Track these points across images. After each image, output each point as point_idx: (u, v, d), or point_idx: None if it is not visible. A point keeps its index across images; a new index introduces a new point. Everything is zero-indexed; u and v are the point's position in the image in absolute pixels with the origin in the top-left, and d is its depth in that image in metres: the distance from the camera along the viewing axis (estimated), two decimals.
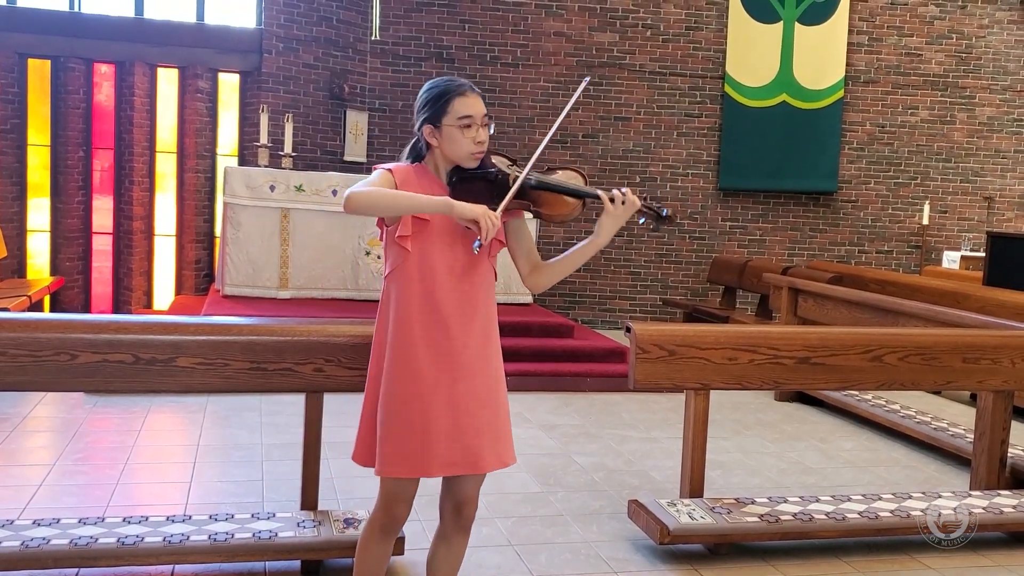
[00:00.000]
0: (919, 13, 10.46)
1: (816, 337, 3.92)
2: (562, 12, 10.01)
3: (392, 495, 2.46)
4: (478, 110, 2.40)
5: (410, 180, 2.42)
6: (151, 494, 4.25)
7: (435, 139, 2.42)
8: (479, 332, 2.46)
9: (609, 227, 2.49)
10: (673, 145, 10.25)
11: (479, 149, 2.42)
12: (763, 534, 3.63)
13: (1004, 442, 4.26)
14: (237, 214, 7.59)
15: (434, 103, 2.41)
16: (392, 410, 2.40)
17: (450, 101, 2.39)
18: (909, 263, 10.64)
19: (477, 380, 2.44)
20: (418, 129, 2.46)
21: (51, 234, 8.87)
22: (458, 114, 2.39)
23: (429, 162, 2.49)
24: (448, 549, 2.58)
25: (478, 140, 2.41)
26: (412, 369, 2.39)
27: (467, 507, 2.53)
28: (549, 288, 2.67)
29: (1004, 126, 10.68)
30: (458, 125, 2.39)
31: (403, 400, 2.39)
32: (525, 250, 2.59)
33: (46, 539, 3.10)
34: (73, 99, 8.75)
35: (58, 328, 3.10)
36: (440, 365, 2.40)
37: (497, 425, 2.48)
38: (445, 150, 2.43)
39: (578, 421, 5.83)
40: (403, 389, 2.39)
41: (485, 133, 2.42)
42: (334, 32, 9.45)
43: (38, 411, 5.46)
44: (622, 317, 10.15)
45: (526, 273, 2.60)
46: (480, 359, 2.46)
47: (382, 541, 2.55)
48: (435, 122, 2.40)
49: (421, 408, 2.38)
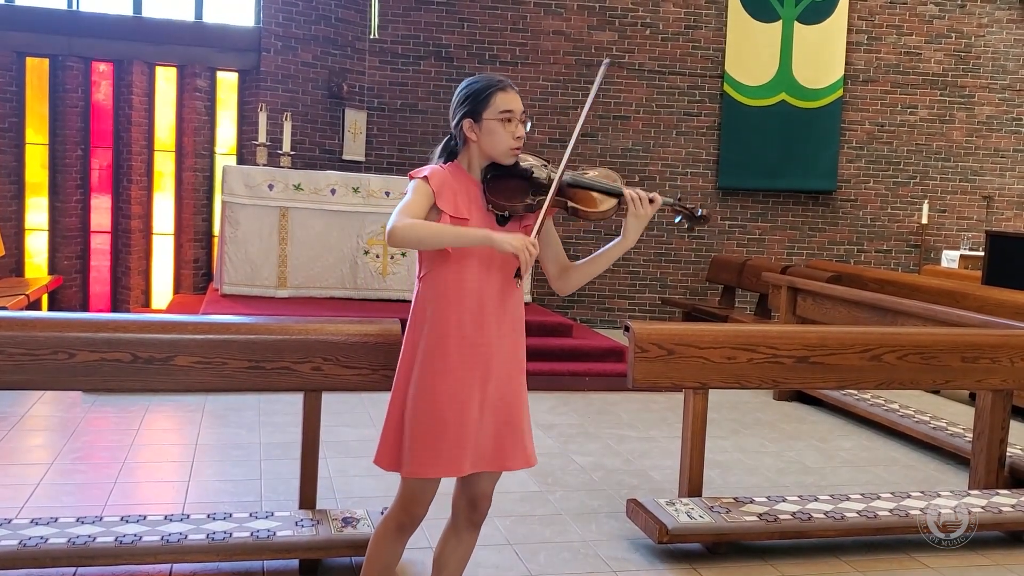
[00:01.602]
0: (918, 12, 10.46)
1: (815, 336, 3.92)
2: (561, 11, 10.01)
3: (414, 495, 2.46)
4: (518, 106, 2.43)
5: (446, 183, 2.41)
6: (149, 493, 4.24)
7: (474, 133, 2.42)
8: (512, 332, 2.48)
9: (635, 227, 2.50)
10: (672, 144, 10.25)
11: (518, 144, 2.43)
12: (762, 533, 3.63)
13: (1003, 441, 4.26)
14: (235, 213, 7.58)
15: (475, 98, 2.41)
16: (424, 408, 2.39)
17: (493, 95, 2.40)
18: (908, 262, 10.64)
19: (507, 379, 2.46)
20: (456, 124, 2.45)
21: (49, 233, 8.86)
22: (499, 108, 2.40)
23: (463, 159, 2.48)
24: (458, 544, 2.59)
25: (517, 135, 2.42)
26: (447, 366, 2.39)
27: (482, 503, 2.55)
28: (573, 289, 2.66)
29: (1003, 125, 10.68)
30: (499, 119, 2.40)
31: (437, 398, 2.39)
32: (553, 252, 2.60)
33: (44, 538, 3.09)
34: (71, 98, 8.74)
35: (56, 327, 3.09)
36: (474, 363, 2.41)
37: (524, 426, 2.51)
38: (484, 145, 2.43)
39: (577, 420, 5.83)
40: (437, 386, 2.39)
41: (523, 129, 2.44)
42: (333, 31, 9.44)
43: (36, 410, 5.45)
44: (621, 316, 10.15)
45: (555, 275, 2.60)
46: (513, 359, 2.48)
47: (397, 540, 2.55)
48: (475, 116, 2.41)
49: (455, 406, 2.38)
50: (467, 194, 2.43)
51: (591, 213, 2.50)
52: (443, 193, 2.39)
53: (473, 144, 2.44)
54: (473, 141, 2.44)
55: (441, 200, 2.38)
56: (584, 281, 2.61)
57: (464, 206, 2.41)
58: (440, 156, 2.52)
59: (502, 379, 2.45)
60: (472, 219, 2.40)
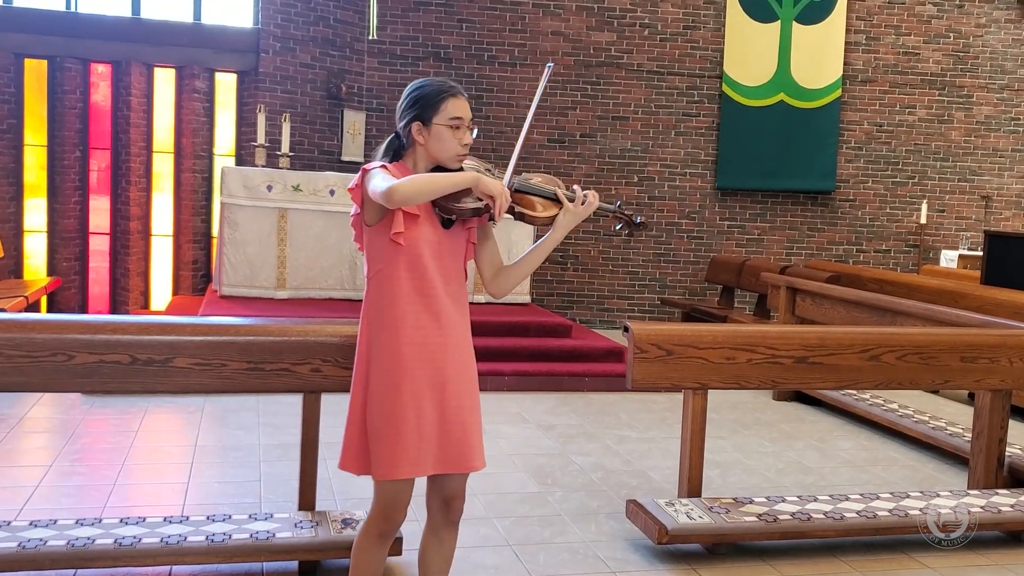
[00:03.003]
0: (916, 12, 10.47)
1: (814, 336, 3.92)
2: (559, 11, 10.01)
3: (391, 500, 2.46)
4: (467, 113, 2.46)
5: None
6: (148, 495, 4.24)
7: (422, 137, 2.44)
8: (464, 331, 2.51)
9: (565, 223, 2.52)
10: (671, 145, 10.25)
11: (464, 151, 2.46)
12: (761, 534, 3.63)
13: (1002, 441, 4.26)
14: (234, 214, 7.58)
15: (426, 101, 2.43)
16: (385, 410, 2.40)
17: (443, 101, 2.43)
18: (907, 262, 10.65)
19: (464, 380, 2.48)
20: (404, 126, 2.47)
21: (48, 234, 8.86)
22: (450, 114, 2.42)
23: (409, 160, 2.50)
24: (439, 545, 2.58)
25: (464, 142, 2.45)
26: (403, 367, 2.40)
27: (455, 502, 2.54)
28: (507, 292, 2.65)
29: (1001, 125, 10.69)
30: (448, 125, 2.42)
31: (395, 398, 2.40)
32: (489, 255, 2.60)
33: (43, 540, 3.09)
34: (70, 99, 8.74)
35: (55, 329, 3.09)
36: (432, 363, 2.42)
37: (478, 425, 2.52)
38: (431, 149, 2.45)
39: (576, 421, 5.82)
40: (395, 387, 2.40)
41: (470, 136, 2.47)
42: (331, 32, 9.44)
43: (35, 412, 5.45)
44: (620, 317, 10.15)
45: (489, 278, 2.60)
46: (468, 358, 2.51)
47: (380, 546, 2.54)
48: (424, 120, 2.43)
49: (413, 405, 2.39)
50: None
51: (536, 219, 2.54)
52: None
53: (420, 147, 2.46)
54: (420, 144, 2.46)
55: None
56: (518, 282, 2.62)
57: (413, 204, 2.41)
58: (385, 155, 2.52)
59: (459, 378, 2.46)
60: (421, 217, 2.41)
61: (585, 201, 2.51)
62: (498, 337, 6.96)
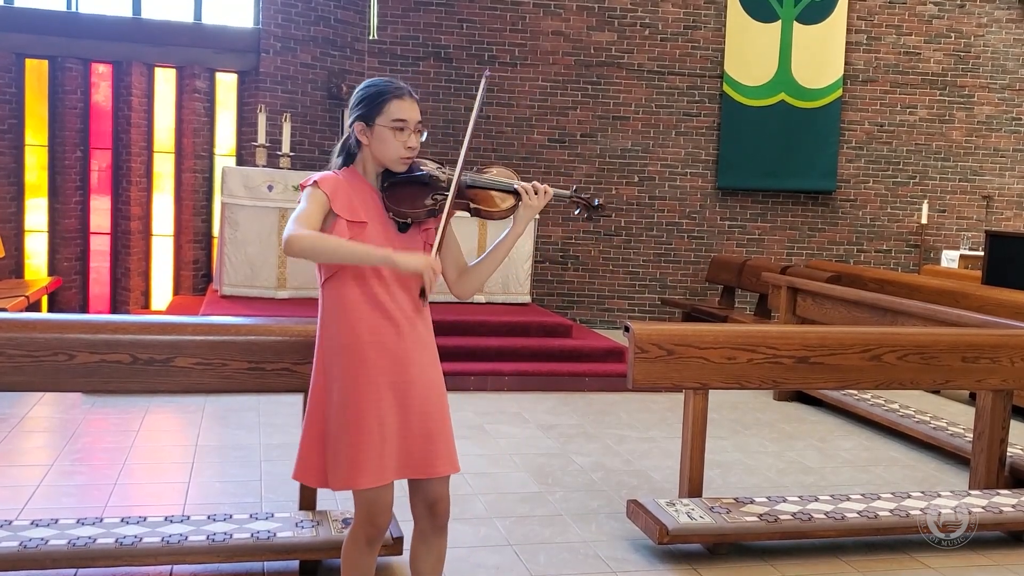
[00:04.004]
0: (917, 12, 10.46)
1: (815, 336, 3.91)
2: (560, 11, 10.00)
3: (371, 506, 2.43)
4: (413, 116, 2.40)
5: (340, 187, 2.38)
6: (149, 494, 4.24)
7: (366, 137, 2.41)
8: (425, 335, 2.47)
9: (525, 216, 2.49)
10: (671, 144, 10.25)
11: (409, 154, 2.41)
12: (762, 534, 3.63)
13: (1003, 441, 4.26)
14: (235, 214, 7.58)
15: (370, 102, 2.39)
16: (346, 419, 2.36)
17: (386, 102, 2.38)
18: (908, 262, 10.64)
19: (428, 385, 2.44)
20: (350, 125, 2.44)
21: (49, 234, 8.86)
22: (392, 116, 2.38)
23: (359, 163, 2.46)
24: (428, 550, 2.55)
25: (408, 145, 2.40)
26: (365, 375, 2.37)
27: (439, 505, 2.50)
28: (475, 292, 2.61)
29: (1003, 125, 10.68)
30: (391, 127, 2.38)
31: (358, 407, 2.36)
32: (452, 256, 2.56)
33: (44, 540, 3.09)
34: (70, 99, 8.74)
35: (56, 328, 3.09)
36: (393, 368, 2.39)
37: (447, 430, 2.48)
38: (375, 150, 2.41)
39: (576, 421, 5.82)
40: (357, 396, 2.36)
41: (416, 140, 2.42)
42: (332, 32, 9.45)
43: (36, 411, 5.45)
44: (621, 317, 10.14)
45: (453, 280, 2.56)
46: (430, 364, 2.47)
47: (368, 552, 2.51)
48: (368, 120, 2.39)
49: (377, 413, 2.36)
50: (363, 198, 2.40)
51: (493, 212, 2.49)
52: (337, 197, 2.36)
53: (366, 148, 2.43)
54: (365, 145, 2.42)
55: (336, 204, 2.35)
56: (483, 281, 2.57)
57: (361, 209, 2.38)
58: (339, 155, 2.49)
59: (422, 383, 2.42)
60: (370, 222, 2.38)
61: (538, 192, 2.47)
62: (498, 337, 6.96)
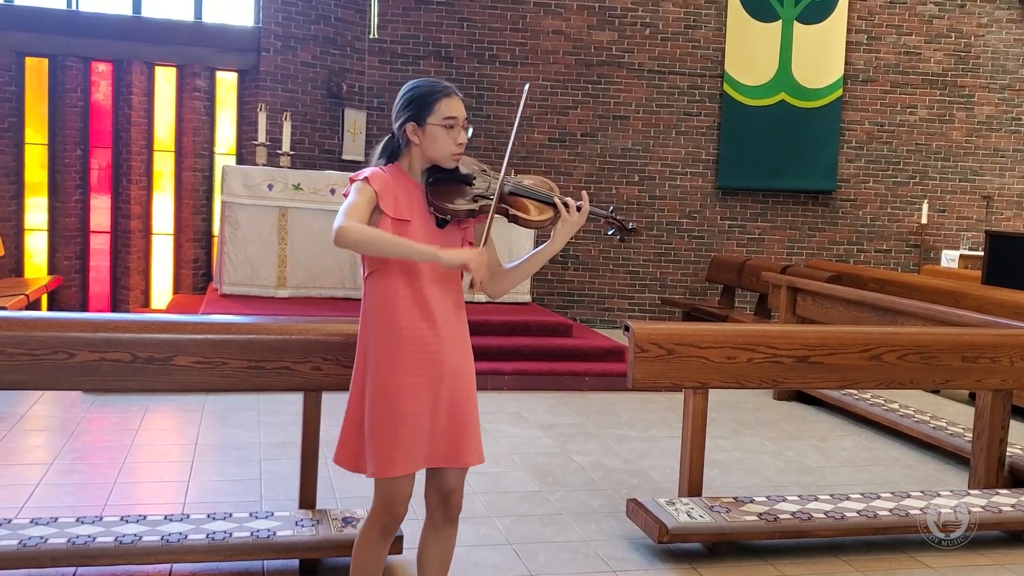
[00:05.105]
0: (918, 12, 10.46)
1: (815, 336, 3.91)
2: (560, 11, 10.00)
3: (391, 495, 2.48)
4: (461, 113, 2.48)
5: (388, 185, 2.45)
6: (149, 493, 4.24)
7: (417, 137, 2.47)
8: (461, 330, 2.53)
9: (564, 233, 2.55)
10: (672, 144, 10.25)
11: (459, 150, 2.49)
12: (762, 533, 3.63)
13: (1003, 441, 4.26)
14: (235, 213, 7.58)
15: (420, 102, 2.46)
16: (383, 409, 2.43)
17: (437, 101, 2.46)
18: (908, 262, 10.64)
19: (460, 377, 2.50)
20: (399, 127, 2.50)
21: (49, 233, 8.86)
22: (443, 114, 2.45)
23: (404, 161, 2.53)
24: (438, 541, 2.60)
25: (459, 141, 2.47)
26: (400, 366, 2.43)
27: (453, 496, 2.56)
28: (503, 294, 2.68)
29: (1003, 125, 10.68)
30: (442, 125, 2.45)
31: (392, 397, 2.42)
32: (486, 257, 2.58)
33: (44, 538, 3.09)
34: (71, 98, 8.74)
35: (56, 327, 3.09)
36: (428, 363, 2.44)
37: (476, 421, 2.54)
38: (426, 149, 2.48)
39: (576, 420, 5.82)
40: (392, 386, 2.43)
41: (465, 136, 2.49)
42: (332, 31, 9.44)
43: (36, 410, 5.45)
44: (621, 316, 10.14)
45: (486, 280, 2.59)
46: (464, 357, 2.53)
47: (381, 542, 2.57)
48: (419, 120, 2.45)
49: (410, 404, 2.42)
50: (408, 196, 2.47)
51: (531, 222, 2.55)
52: (384, 195, 2.43)
53: (415, 147, 2.49)
54: (415, 144, 2.48)
55: (383, 201, 2.42)
56: (514, 285, 2.66)
57: (405, 208, 2.45)
58: (381, 156, 2.56)
59: (455, 375, 2.48)
60: (413, 220, 2.45)
61: (581, 208, 2.52)
62: (499, 336, 6.96)
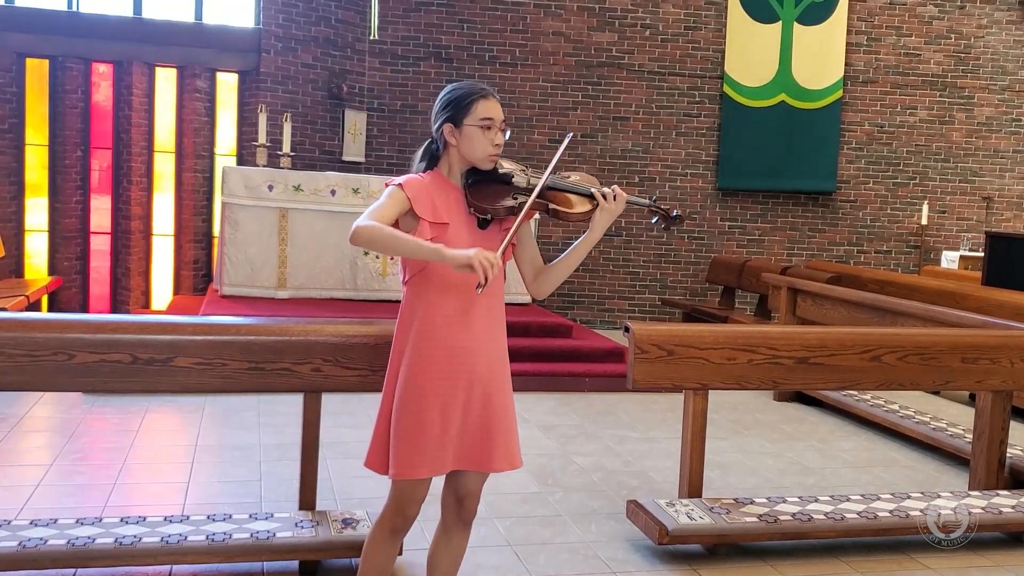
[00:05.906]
0: (918, 13, 10.46)
1: (815, 337, 3.91)
2: (561, 12, 10.01)
3: (405, 496, 2.49)
4: (498, 114, 2.50)
5: (421, 193, 2.45)
6: (149, 494, 4.24)
7: (454, 138, 2.48)
8: (498, 335, 2.55)
9: (603, 222, 2.55)
10: (672, 145, 10.25)
11: (496, 151, 2.50)
12: (762, 534, 3.63)
13: (1003, 442, 4.26)
14: (235, 214, 7.58)
15: (457, 104, 2.47)
16: (410, 410, 2.43)
17: (474, 103, 2.47)
18: (908, 263, 10.64)
19: (492, 381, 2.50)
20: (437, 129, 2.51)
21: (49, 234, 8.86)
22: (480, 116, 2.46)
23: (443, 164, 2.54)
24: (448, 543, 2.61)
25: (496, 142, 2.49)
26: (432, 368, 2.43)
27: (469, 500, 2.57)
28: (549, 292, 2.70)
29: (1003, 126, 10.68)
30: (479, 126, 2.46)
31: (421, 399, 2.42)
32: (530, 256, 2.65)
33: (43, 539, 3.09)
34: (71, 99, 8.74)
35: (56, 328, 3.09)
36: (459, 365, 2.45)
37: (508, 427, 2.53)
38: (463, 150, 2.48)
39: (577, 421, 5.82)
40: (422, 388, 2.43)
41: (502, 137, 2.50)
42: (332, 32, 9.45)
43: (36, 411, 5.45)
44: (621, 317, 10.14)
45: (531, 279, 2.66)
46: (498, 361, 2.54)
47: (391, 542, 2.57)
48: (456, 122, 2.46)
49: (439, 407, 2.42)
50: (446, 199, 2.48)
51: (571, 215, 2.56)
52: (420, 199, 2.43)
53: (453, 148, 2.50)
54: (453, 146, 2.50)
55: (418, 206, 2.42)
56: (559, 281, 2.65)
57: (443, 211, 2.46)
58: (422, 159, 2.57)
59: (487, 381, 2.49)
60: (452, 223, 2.45)
61: (616, 197, 2.54)
62: None
